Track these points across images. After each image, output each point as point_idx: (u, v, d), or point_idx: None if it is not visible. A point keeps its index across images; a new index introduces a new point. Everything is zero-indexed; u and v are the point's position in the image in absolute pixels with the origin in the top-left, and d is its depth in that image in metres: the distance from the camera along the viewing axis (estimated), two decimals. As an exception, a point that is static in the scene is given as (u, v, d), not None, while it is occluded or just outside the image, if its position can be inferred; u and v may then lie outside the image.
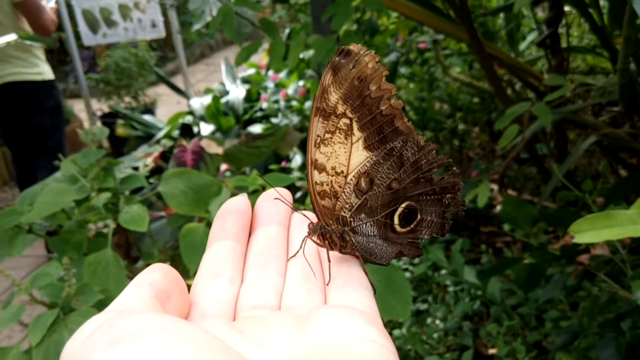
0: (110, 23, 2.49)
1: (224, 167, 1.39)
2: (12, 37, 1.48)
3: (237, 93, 2.09)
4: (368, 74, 0.25)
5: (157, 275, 0.21)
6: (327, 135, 0.26)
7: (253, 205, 0.28)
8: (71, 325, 0.62)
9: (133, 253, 0.93)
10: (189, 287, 0.23)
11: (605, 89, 1.09)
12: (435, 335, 1.09)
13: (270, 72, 2.18)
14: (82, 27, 2.50)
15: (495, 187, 1.56)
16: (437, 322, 1.13)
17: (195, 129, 1.99)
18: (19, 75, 1.84)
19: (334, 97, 0.25)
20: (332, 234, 0.27)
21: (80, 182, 0.79)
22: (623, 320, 0.68)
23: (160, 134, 2.00)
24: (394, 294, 0.73)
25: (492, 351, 1.07)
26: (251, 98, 2.11)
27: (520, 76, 1.30)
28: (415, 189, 0.27)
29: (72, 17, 2.53)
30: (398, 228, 0.27)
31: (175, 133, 1.97)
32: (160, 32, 2.49)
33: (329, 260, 0.26)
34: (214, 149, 1.10)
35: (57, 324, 0.62)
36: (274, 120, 1.89)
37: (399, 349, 1.07)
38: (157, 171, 1.44)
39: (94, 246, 0.77)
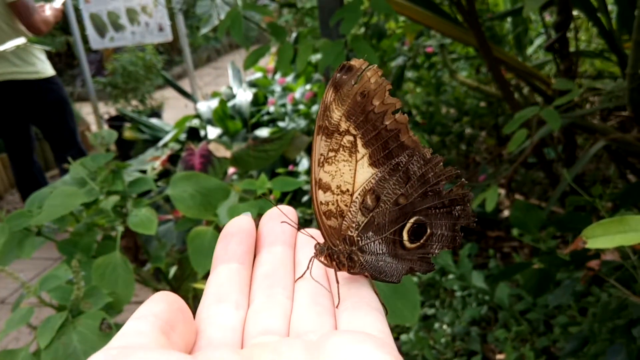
0: (118, 27, 2.50)
1: (231, 170, 1.39)
2: (21, 40, 1.49)
3: (244, 96, 2.09)
4: (371, 89, 0.24)
5: (160, 306, 0.20)
6: (331, 154, 0.25)
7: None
8: (80, 327, 0.62)
9: (141, 256, 0.93)
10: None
11: (614, 93, 1.09)
12: (442, 341, 1.09)
13: (277, 76, 2.18)
14: (90, 31, 2.51)
15: (502, 191, 1.56)
16: (445, 327, 1.13)
17: (202, 133, 1.99)
18: (15, 74, 1.88)
19: (336, 114, 0.25)
20: (339, 254, 0.26)
21: (89, 185, 0.79)
22: (634, 326, 0.68)
23: (167, 137, 2.00)
24: (402, 298, 0.73)
25: (499, 357, 1.07)
26: (258, 102, 2.12)
27: (528, 80, 1.30)
28: (423, 203, 0.26)
29: (79, 21, 2.54)
30: (408, 244, 0.27)
31: (183, 136, 1.98)
32: (168, 36, 2.50)
33: (338, 282, 0.25)
34: (222, 152, 1.11)
35: (66, 327, 0.62)
36: (280, 124, 1.89)
37: (406, 354, 1.07)
38: (164, 174, 1.44)
39: (103, 249, 0.77)
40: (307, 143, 1.38)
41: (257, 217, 0.28)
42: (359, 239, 0.26)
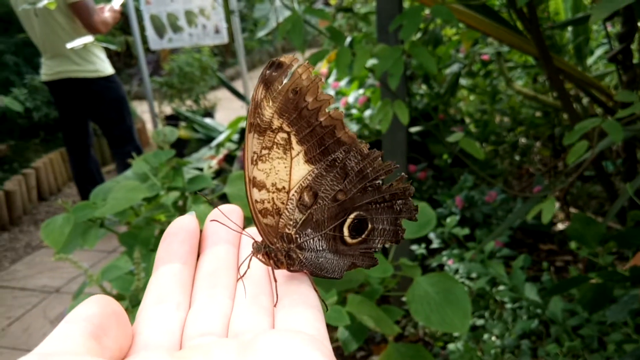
0: (176, 28, 2.56)
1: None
2: (89, 39, 1.55)
3: (296, 100, 2.11)
4: (303, 86, 0.24)
5: (92, 309, 0.19)
6: (264, 152, 0.25)
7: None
8: (139, 318, 0.64)
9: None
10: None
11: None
12: (492, 352, 1.07)
13: (331, 80, 2.19)
14: (150, 32, 2.58)
15: (557, 204, 1.52)
16: (494, 338, 1.11)
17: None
18: (76, 72, 1.95)
19: (268, 111, 0.25)
20: (277, 252, 0.26)
21: (150, 180, 0.82)
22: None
23: (221, 137, 2.04)
24: (453, 307, 0.73)
25: (550, 372, 1.04)
26: (310, 105, 2.13)
27: (588, 91, 1.27)
28: (363, 199, 0.26)
29: (140, 22, 2.62)
30: (349, 239, 0.26)
31: (235, 137, 2.01)
32: (223, 38, 2.55)
33: (275, 280, 0.25)
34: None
35: (126, 316, 0.64)
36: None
37: (453, 363, 1.06)
38: (218, 173, 1.47)
39: (161, 243, 0.79)
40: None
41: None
42: (297, 236, 0.26)
